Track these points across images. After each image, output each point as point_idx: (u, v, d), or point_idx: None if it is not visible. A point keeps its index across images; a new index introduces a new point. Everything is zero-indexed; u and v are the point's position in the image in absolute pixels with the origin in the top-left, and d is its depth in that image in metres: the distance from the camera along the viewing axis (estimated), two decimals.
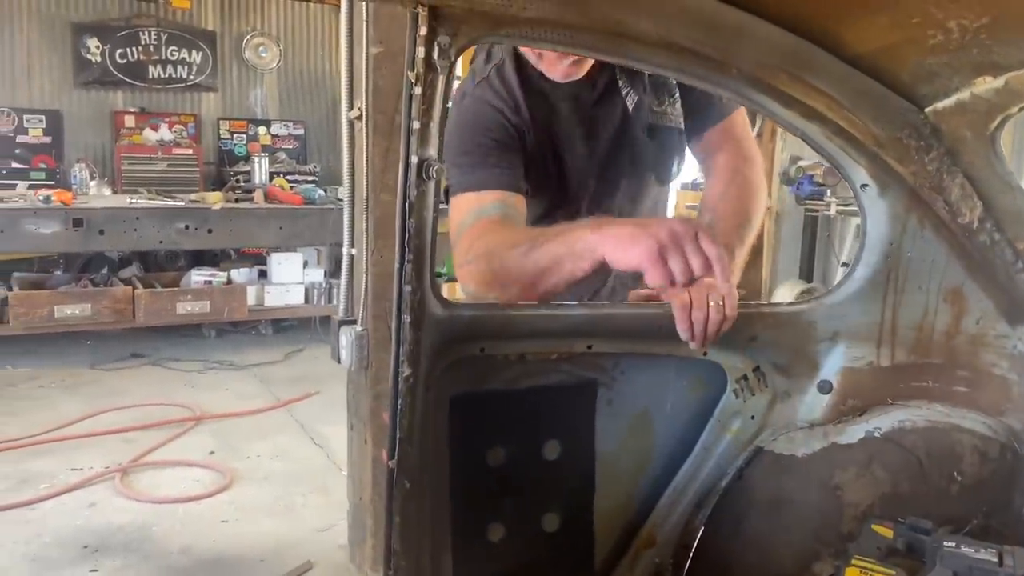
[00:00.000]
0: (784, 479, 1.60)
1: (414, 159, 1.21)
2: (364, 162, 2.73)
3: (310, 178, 7.70)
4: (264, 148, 8.83)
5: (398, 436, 1.32)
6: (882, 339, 1.58)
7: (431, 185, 1.23)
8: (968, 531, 1.53)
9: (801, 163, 7.41)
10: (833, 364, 1.59)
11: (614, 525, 1.63)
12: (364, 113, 2.73)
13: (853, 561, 1.37)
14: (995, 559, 1.34)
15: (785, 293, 6.81)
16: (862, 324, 1.57)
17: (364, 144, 2.70)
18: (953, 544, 1.38)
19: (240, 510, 3.32)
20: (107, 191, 7.50)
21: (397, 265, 1.26)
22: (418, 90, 1.17)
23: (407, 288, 1.27)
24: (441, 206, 1.34)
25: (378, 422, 2.79)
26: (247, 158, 8.82)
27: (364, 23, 2.24)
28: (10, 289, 5.23)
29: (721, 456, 1.62)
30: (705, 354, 1.57)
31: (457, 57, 1.21)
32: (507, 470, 1.51)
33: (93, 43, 8.10)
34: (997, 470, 1.59)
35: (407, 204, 1.23)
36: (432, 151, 1.23)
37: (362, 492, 2.93)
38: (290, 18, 8.93)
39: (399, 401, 1.30)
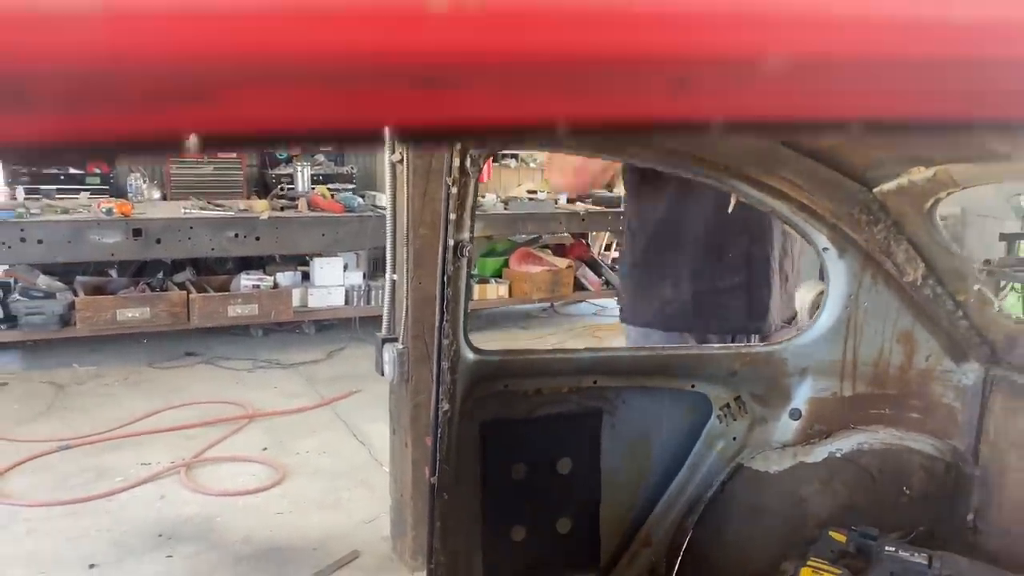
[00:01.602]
0: (760, 491, 1.91)
1: (451, 242, 1.52)
2: (405, 200, 3.08)
3: (348, 185, 8.06)
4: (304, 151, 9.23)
5: (438, 457, 1.64)
6: (844, 374, 1.87)
7: (464, 261, 1.54)
8: (913, 538, 1.82)
9: None
10: (802, 395, 1.89)
11: (617, 528, 1.95)
12: (405, 157, 3.09)
13: (808, 562, 1.67)
14: (925, 562, 1.64)
15: (805, 294, 7.05)
16: (827, 362, 1.86)
17: (405, 185, 3.05)
18: (893, 548, 1.69)
19: (293, 503, 3.69)
20: (156, 194, 7.93)
21: (437, 323, 1.57)
22: (454, 190, 1.48)
23: (445, 341, 1.58)
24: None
25: (418, 428, 3.15)
26: (288, 161, 9.22)
27: None
28: (75, 294, 5.66)
29: (707, 471, 1.93)
30: (693, 387, 1.88)
31: (484, 162, 1.52)
32: (527, 482, 1.84)
33: None
34: (942, 485, 1.88)
35: (445, 277, 1.54)
36: (465, 235, 1.54)
37: (403, 490, 3.31)
38: None
39: (439, 430, 1.62)
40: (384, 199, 3.44)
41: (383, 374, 2.99)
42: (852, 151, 1.63)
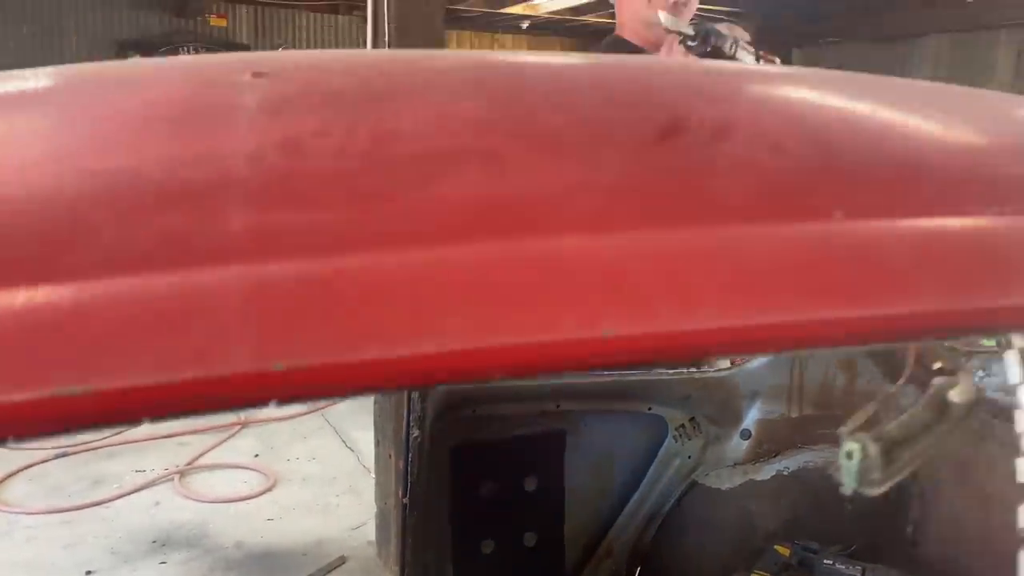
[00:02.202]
0: (712, 506, 2.04)
1: None
2: None
3: None
4: None
5: (409, 480, 1.77)
6: (792, 397, 2.00)
7: None
8: (854, 551, 1.96)
9: None
10: (752, 416, 2.02)
11: (580, 540, 2.08)
12: None
13: (752, 574, 1.81)
14: (859, 573, 1.78)
15: None
16: (776, 385, 2.00)
17: None
18: (831, 562, 1.82)
19: (283, 509, 3.82)
20: None
21: None
22: None
23: None
24: None
25: (400, 443, 3.26)
26: None
27: None
28: None
29: (664, 487, 2.07)
30: (650, 409, 2.01)
31: None
32: (496, 499, 1.97)
33: (136, 59, 8.63)
34: (883, 500, 2.01)
35: None
36: None
37: (387, 498, 3.44)
38: (321, 31, 9.41)
39: (409, 455, 1.75)
40: None
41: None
42: None
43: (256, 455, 4.43)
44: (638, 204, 0.41)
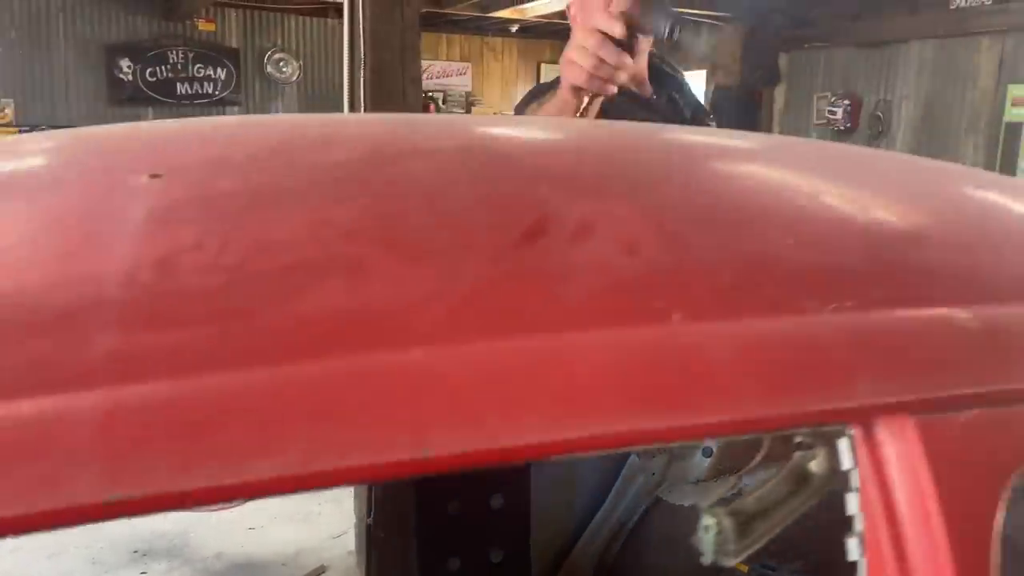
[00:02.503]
0: (675, 522, 2.08)
1: None
2: None
3: None
4: None
5: (373, 501, 1.80)
6: None
7: None
8: (814, 567, 2.00)
9: None
10: None
11: (547, 556, 2.12)
12: None
13: None
14: None
15: None
16: None
17: None
18: None
19: (265, 518, 3.85)
20: None
21: None
22: None
23: None
24: None
25: None
26: None
27: None
28: None
29: (628, 503, 2.10)
30: None
31: None
32: (462, 517, 2.01)
33: (125, 63, 8.66)
34: (840, 515, 2.05)
35: None
36: None
37: (364, 509, 3.45)
38: (309, 34, 9.42)
39: None
40: None
41: None
42: None
43: None
44: (485, 314, 0.45)
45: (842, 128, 7.46)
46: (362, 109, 2.93)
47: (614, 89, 1.42)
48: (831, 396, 0.46)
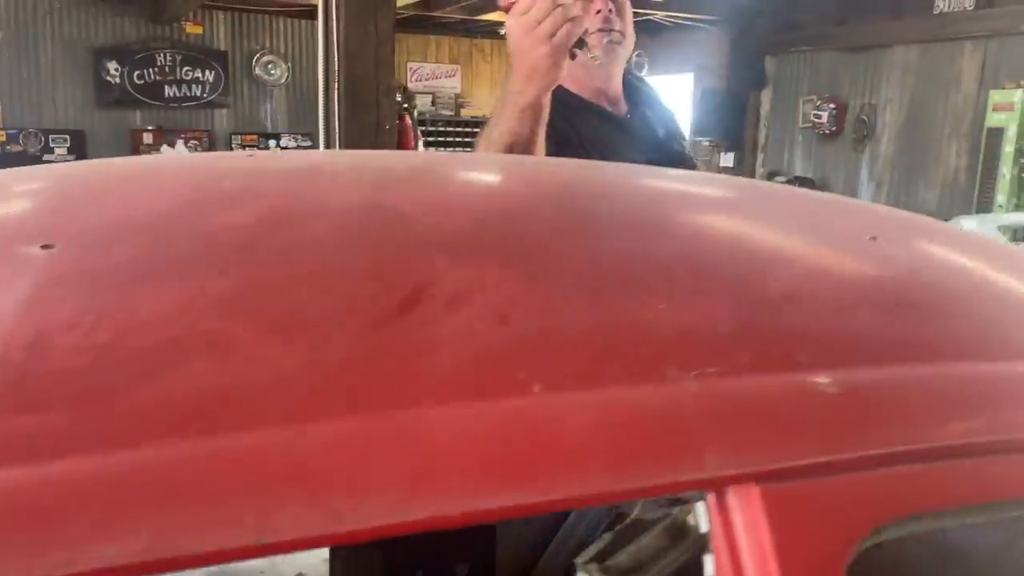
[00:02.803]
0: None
1: None
2: None
3: None
4: None
5: None
6: None
7: None
8: None
9: (777, 179, 7.83)
10: None
11: (512, 570, 2.14)
12: None
13: None
14: None
15: None
16: None
17: None
18: None
19: None
20: None
21: None
22: None
23: None
24: None
25: None
26: None
27: (337, 135, 2.76)
28: None
29: (592, 518, 2.12)
30: None
31: None
32: (427, 532, 2.02)
33: (112, 66, 8.65)
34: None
35: None
36: None
37: None
38: (297, 36, 9.42)
39: None
40: None
41: None
42: None
43: None
44: (344, 392, 0.46)
45: (827, 132, 7.50)
46: (337, 121, 2.95)
47: (581, 30, 1.32)
48: (683, 467, 0.48)
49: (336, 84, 2.89)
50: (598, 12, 1.81)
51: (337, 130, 2.92)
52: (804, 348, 0.55)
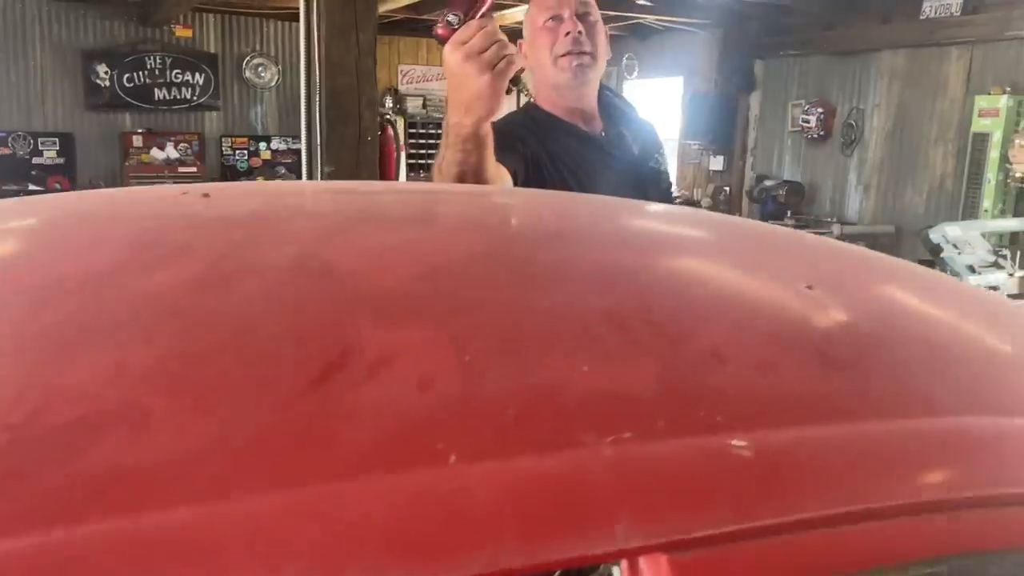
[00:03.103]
0: None
1: None
2: None
3: None
4: (265, 163, 9.37)
5: None
6: None
7: None
8: None
9: (766, 183, 7.85)
10: None
11: None
12: None
13: None
14: None
15: None
16: None
17: None
18: None
19: None
20: None
21: None
22: None
23: None
24: None
25: None
26: (249, 172, 9.36)
27: (320, 149, 2.76)
28: None
29: None
30: None
31: None
32: None
33: (102, 68, 8.62)
34: None
35: None
36: None
37: None
38: (287, 39, 9.40)
39: None
40: None
41: None
42: None
43: None
44: (256, 468, 0.47)
45: (816, 136, 7.52)
46: (319, 133, 2.95)
47: (518, 66, 1.30)
48: (594, 538, 0.48)
49: (318, 96, 2.90)
50: (567, 34, 1.82)
51: (319, 142, 2.92)
52: (721, 409, 0.56)
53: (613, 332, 0.61)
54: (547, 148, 1.88)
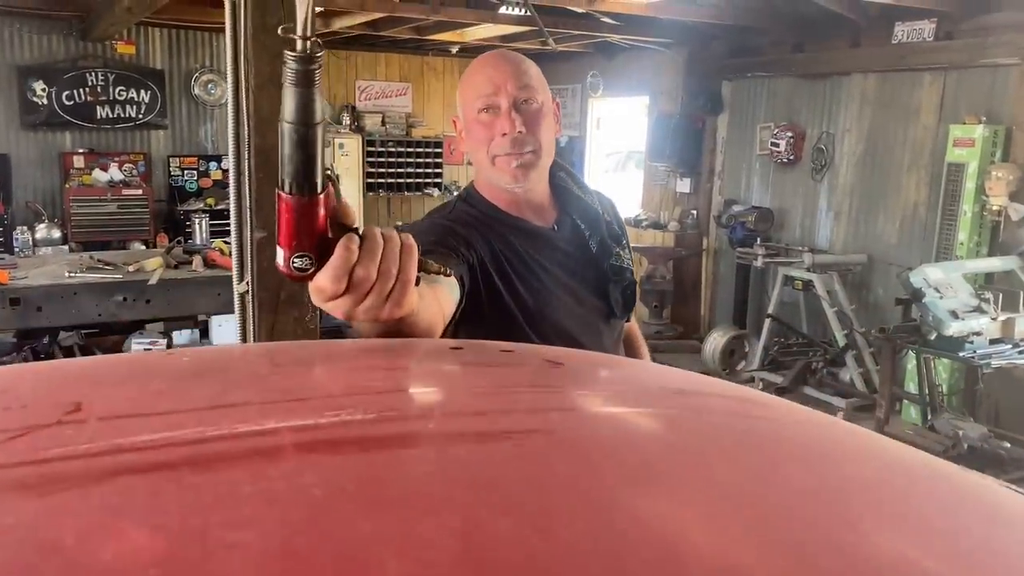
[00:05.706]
0: None
1: None
2: (251, 336, 2.91)
3: None
4: (216, 183, 8.95)
5: None
6: None
7: None
8: None
9: (735, 208, 7.63)
10: None
11: None
12: (251, 289, 2.91)
13: None
14: None
15: (717, 337, 7.08)
16: None
17: (251, 317, 2.87)
18: None
19: None
20: (57, 233, 7.64)
21: None
22: None
23: None
24: None
25: None
26: (199, 194, 8.94)
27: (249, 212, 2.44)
28: None
29: None
30: None
31: None
32: None
33: (39, 86, 8.16)
34: None
35: None
36: None
37: None
38: None
39: None
40: None
41: None
42: None
43: None
44: None
45: (785, 160, 7.32)
46: (248, 194, 2.63)
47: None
48: None
49: (247, 153, 2.57)
50: (504, 135, 1.53)
51: (249, 204, 2.60)
52: None
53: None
54: (492, 248, 1.59)
